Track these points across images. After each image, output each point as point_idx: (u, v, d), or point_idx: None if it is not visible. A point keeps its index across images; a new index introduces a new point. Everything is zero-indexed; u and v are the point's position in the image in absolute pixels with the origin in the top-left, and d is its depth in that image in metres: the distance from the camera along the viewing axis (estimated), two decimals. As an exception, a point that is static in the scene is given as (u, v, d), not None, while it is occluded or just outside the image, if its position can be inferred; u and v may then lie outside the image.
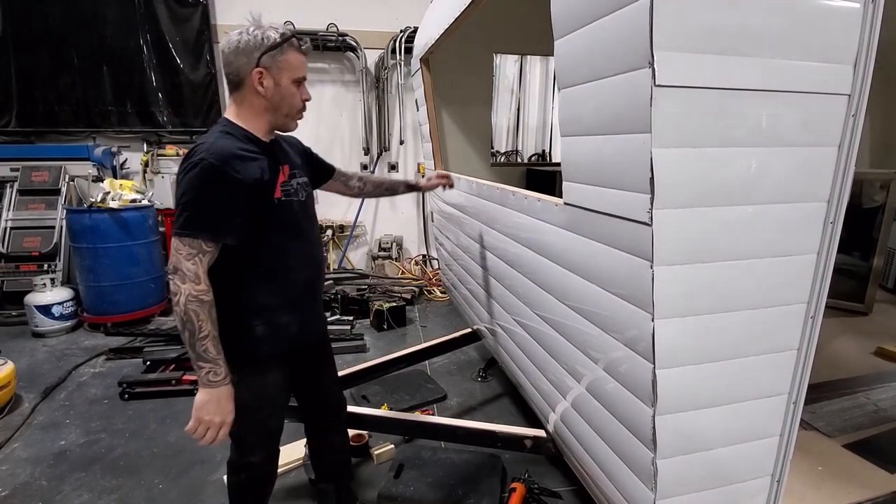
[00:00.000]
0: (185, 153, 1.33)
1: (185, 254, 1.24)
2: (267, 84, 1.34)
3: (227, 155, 1.27)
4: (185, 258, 1.24)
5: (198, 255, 1.24)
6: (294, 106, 1.40)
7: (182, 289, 1.23)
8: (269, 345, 1.44)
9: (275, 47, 1.32)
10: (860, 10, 1.06)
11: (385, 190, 2.04)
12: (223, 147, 1.28)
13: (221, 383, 1.30)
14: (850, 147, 1.11)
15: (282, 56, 1.34)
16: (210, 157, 1.25)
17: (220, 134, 1.33)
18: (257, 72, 1.32)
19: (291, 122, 1.44)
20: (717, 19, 0.98)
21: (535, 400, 2.03)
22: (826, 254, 1.16)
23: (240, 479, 1.57)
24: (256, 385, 1.46)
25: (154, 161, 4.57)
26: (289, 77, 1.36)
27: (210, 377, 1.28)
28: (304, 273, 1.50)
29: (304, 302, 1.52)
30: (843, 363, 2.78)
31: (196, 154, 1.27)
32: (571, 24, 1.19)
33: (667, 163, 0.99)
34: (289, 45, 1.35)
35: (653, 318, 1.07)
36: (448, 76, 3.16)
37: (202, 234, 1.25)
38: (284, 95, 1.37)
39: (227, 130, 1.35)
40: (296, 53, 1.37)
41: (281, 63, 1.34)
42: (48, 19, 4.43)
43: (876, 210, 3.51)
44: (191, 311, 1.24)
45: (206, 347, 1.27)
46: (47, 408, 2.79)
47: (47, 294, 3.78)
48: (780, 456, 1.31)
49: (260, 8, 5.00)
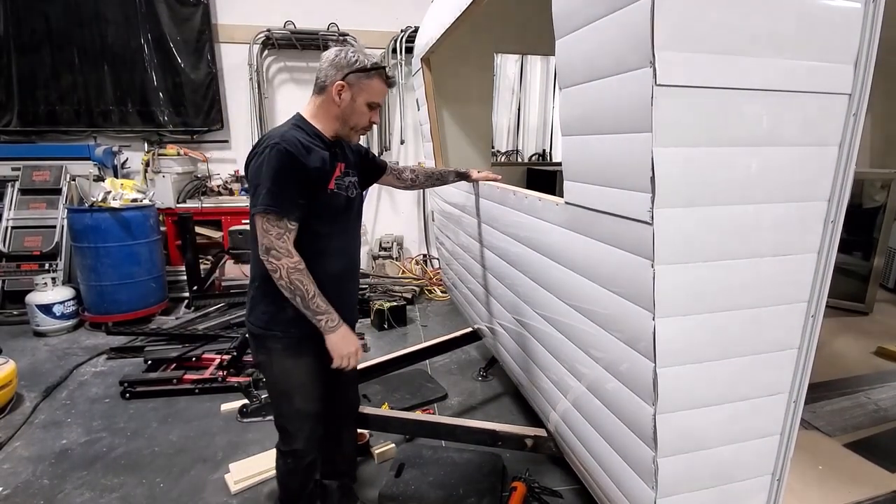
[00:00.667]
0: (256, 142, 1.47)
1: (276, 234, 1.39)
2: (344, 97, 1.49)
3: (296, 142, 1.42)
4: (275, 238, 1.39)
5: (286, 234, 1.41)
6: (361, 123, 1.55)
7: (280, 265, 1.39)
8: (298, 326, 1.51)
9: (363, 71, 1.48)
10: (861, 10, 1.06)
11: (436, 180, 2.17)
12: (293, 136, 1.44)
13: (339, 325, 1.48)
14: (851, 146, 1.11)
15: (367, 80, 1.49)
16: (283, 142, 1.39)
17: (292, 126, 1.49)
18: (339, 84, 1.48)
19: (354, 136, 1.59)
20: (718, 19, 0.98)
21: (536, 399, 2.03)
22: (826, 253, 1.17)
23: (286, 464, 1.69)
24: (288, 367, 1.58)
25: (155, 160, 4.58)
26: (365, 98, 1.51)
27: (329, 324, 1.46)
28: (340, 263, 1.61)
29: (336, 291, 1.58)
30: (843, 363, 2.78)
31: (269, 140, 1.42)
32: (572, 23, 1.19)
33: (668, 162, 0.99)
34: (377, 74, 1.51)
35: (654, 316, 1.07)
36: (449, 76, 3.16)
37: (288, 214, 1.40)
38: (356, 111, 1.52)
39: (299, 125, 1.51)
40: (380, 83, 1.52)
41: (364, 85, 1.50)
42: (49, 19, 4.44)
43: (876, 210, 3.51)
44: (295, 281, 1.40)
45: (317, 303, 1.44)
46: (48, 407, 2.80)
47: (48, 293, 3.78)
48: (780, 455, 1.31)
49: (262, 8, 5.03)
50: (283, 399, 1.62)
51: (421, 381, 3.04)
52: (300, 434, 1.64)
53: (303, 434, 1.65)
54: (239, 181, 4.95)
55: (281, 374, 1.59)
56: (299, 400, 1.61)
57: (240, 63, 4.85)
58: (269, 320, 1.54)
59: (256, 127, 4.94)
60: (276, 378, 1.60)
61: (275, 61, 4.99)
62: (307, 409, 1.64)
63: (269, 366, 1.59)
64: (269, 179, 1.38)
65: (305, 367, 1.59)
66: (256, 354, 1.62)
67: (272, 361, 1.58)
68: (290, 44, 4.81)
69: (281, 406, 1.64)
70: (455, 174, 2.20)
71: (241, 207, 4.64)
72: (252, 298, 1.58)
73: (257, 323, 1.56)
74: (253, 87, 4.86)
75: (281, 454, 1.70)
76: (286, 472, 1.72)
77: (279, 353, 1.56)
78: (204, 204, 4.62)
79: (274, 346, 1.56)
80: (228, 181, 4.96)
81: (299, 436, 1.64)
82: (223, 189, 4.88)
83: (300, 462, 1.68)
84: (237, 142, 5.05)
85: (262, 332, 1.56)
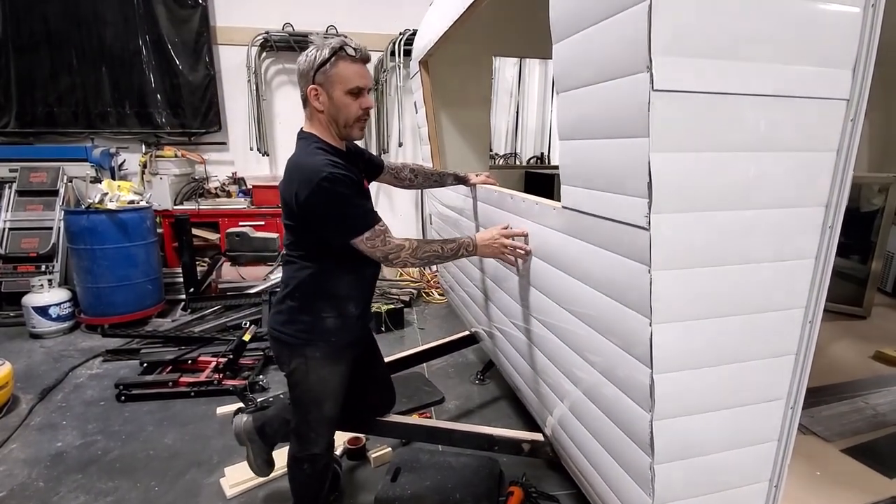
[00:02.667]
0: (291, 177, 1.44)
1: (380, 242, 1.45)
2: (322, 99, 1.45)
3: (337, 164, 1.41)
4: (381, 245, 1.45)
5: (384, 235, 1.46)
6: (352, 115, 1.47)
7: (403, 258, 1.48)
8: (337, 335, 1.57)
9: (325, 62, 1.40)
10: (860, 15, 1.06)
11: (434, 182, 2.17)
12: (327, 161, 1.41)
13: (474, 241, 1.60)
14: (849, 152, 1.11)
15: (332, 70, 1.41)
16: (327, 170, 1.37)
17: (316, 150, 1.45)
18: (312, 89, 1.44)
19: (353, 132, 1.52)
20: (716, 24, 0.97)
21: (533, 403, 2.02)
22: (824, 259, 1.16)
23: (302, 470, 1.69)
24: (324, 375, 1.60)
25: (152, 162, 4.57)
26: (341, 89, 1.43)
27: (469, 249, 1.60)
28: (372, 269, 1.65)
29: (369, 296, 1.69)
30: (841, 367, 2.78)
31: (312, 176, 1.38)
32: (570, 27, 1.19)
33: (665, 167, 0.98)
34: (338, 58, 1.41)
35: (650, 322, 1.07)
36: (447, 79, 3.15)
37: (373, 223, 1.44)
38: (339, 107, 1.45)
39: (319, 146, 1.47)
40: (347, 64, 1.42)
41: (332, 77, 1.42)
42: (48, 21, 4.44)
43: (874, 214, 3.51)
44: (424, 255, 1.52)
45: (449, 247, 1.56)
46: (44, 409, 2.79)
47: (45, 295, 3.77)
48: (778, 461, 1.31)
49: (259, 10, 5.04)
50: (314, 405, 1.62)
51: (418, 384, 3.03)
52: (321, 439, 1.66)
53: (323, 439, 1.67)
54: (236, 183, 4.94)
55: (317, 381, 1.60)
56: (329, 406, 1.63)
57: (238, 65, 4.85)
58: (309, 330, 1.55)
59: (254, 129, 4.94)
60: (311, 385, 1.60)
61: (273, 63, 4.99)
62: (333, 415, 1.66)
63: (306, 374, 1.58)
64: (343, 206, 1.41)
65: (340, 375, 1.63)
66: (290, 363, 1.60)
67: (309, 369, 1.58)
68: (288, 46, 4.81)
69: (309, 413, 1.63)
70: (454, 177, 2.20)
71: (238, 209, 4.64)
72: (289, 309, 1.57)
73: (296, 333, 1.57)
74: (251, 89, 4.86)
75: (296, 461, 1.69)
76: (303, 479, 1.71)
77: (318, 361, 1.57)
78: (201, 206, 4.61)
79: (313, 355, 1.57)
80: (226, 183, 4.94)
81: (320, 441, 1.66)
82: (221, 191, 4.87)
83: (316, 466, 1.69)
84: (235, 144, 5.05)
85: (302, 340, 1.56)
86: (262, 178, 4.99)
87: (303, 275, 1.53)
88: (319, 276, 1.54)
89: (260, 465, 1.95)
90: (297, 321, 1.56)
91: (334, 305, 1.57)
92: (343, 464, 2.26)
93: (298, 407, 1.65)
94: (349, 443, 2.33)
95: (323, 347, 1.57)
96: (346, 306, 1.59)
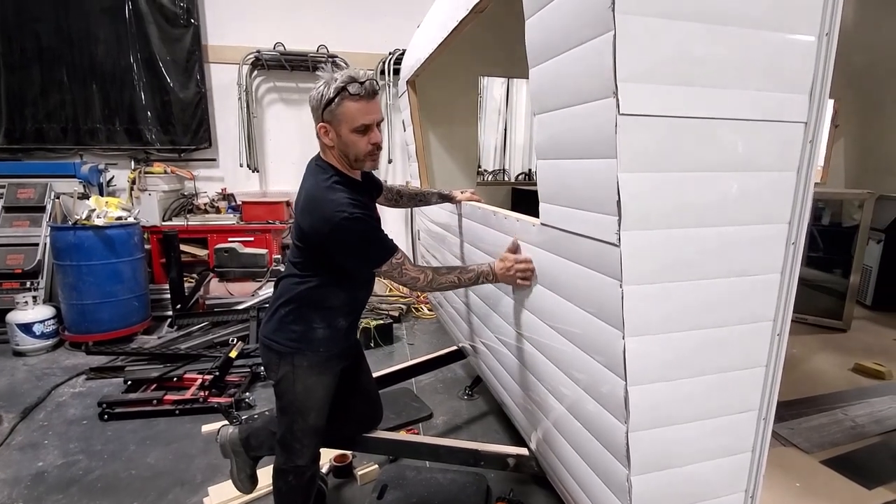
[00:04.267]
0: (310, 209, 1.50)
1: (397, 273, 1.52)
2: (331, 136, 1.49)
3: (356, 202, 1.46)
4: (398, 276, 1.52)
5: (404, 265, 1.52)
6: (361, 151, 1.50)
7: (424, 286, 1.56)
8: (326, 346, 1.61)
9: (330, 102, 1.43)
10: (815, 43, 1.13)
11: (419, 201, 2.21)
12: (346, 199, 1.45)
13: (492, 270, 1.59)
14: (808, 172, 1.16)
15: (338, 109, 1.43)
16: (347, 210, 1.42)
17: (334, 185, 1.49)
18: (321, 127, 1.49)
19: (365, 164, 1.56)
20: (679, 52, 1.03)
21: (518, 418, 2.04)
22: (789, 273, 1.21)
23: (287, 482, 1.69)
24: (310, 385, 1.62)
25: (141, 178, 4.57)
26: (347, 128, 1.45)
27: (488, 278, 1.60)
28: (367, 291, 1.73)
29: (359, 310, 1.74)
30: (821, 379, 2.83)
31: (334, 214, 1.42)
32: (544, 54, 1.25)
33: (632, 187, 1.03)
34: (342, 98, 1.41)
35: (623, 335, 1.10)
36: (434, 98, 3.23)
37: (392, 255, 1.50)
38: (348, 143, 1.48)
39: (336, 180, 1.50)
40: (351, 103, 1.42)
41: (339, 116, 1.45)
42: (41, 38, 4.47)
43: (855, 229, 3.60)
44: (442, 283, 1.57)
45: (468, 277, 1.60)
46: (26, 428, 2.74)
47: (29, 312, 3.73)
48: (752, 472, 1.33)
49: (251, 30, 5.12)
50: (299, 415, 1.64)
51: (406, 400, 3.03)
52: (306, 451, 1.67)
53: (308, 451, 1.68)
54: (226, 199, 4.95)
55: (303, 390, 1.62)
56: (314, 417, 1.65)
57: (229, 83, 4.90)
58: (299, 338, 1.59)
59: (244, 146, 4.97)
60: (297, 395, 1.62)
61: (264, 81, 5.05)
62: (319, 426, 1.68)
63: (293, 382, 1.61)
64: (365, 243, 1.48)
65: (326, 386, 1.66)
66: (278, 370, 1.63)
67: (296, 378, 1.60)
68: (279, 65, 4.88)
69: (294, 422, 1.64)
70: (438, 195, 2.24)
71: (227, 226, 4.64)
72: (281, 318, 1.61)
73: (285, 341, 1.60)
74: (242, 106, 4.90)
75: (281, 472, 1.70)
76: (287, 491, 1.71)
77: (305, 370, 1.60)
78: (190, 222, 4.61)
79: (301, 363, 1.60)
80: (215, 199, 4.96)
81: (305, 452, 1.67)
82: (210, 207, 4.88)
83: (302, 478, 1.69)
84: (225, 160, 5.07)
85: (291, 349, 1.59)
86: (252, 194, 5.01)
87: (301, 288, 1.58)
88: (318, 290, 1.58)
89: (243, 480, 1.93)
90: (287, 330, 1.60)
91: (325, 317, 1.61)
92: (329, 481, 2.24)
93: (284, 416, 1.66)
94: (335, 460, 2.32)
95: (311, 357, 1.60)
96: (336, 319, 1.63)
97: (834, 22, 1.11)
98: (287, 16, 4.94)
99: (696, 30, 1.04)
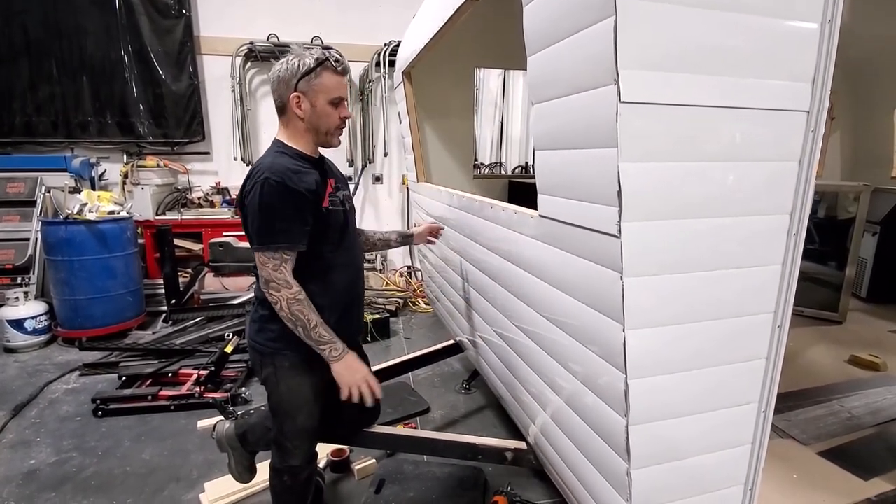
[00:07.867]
0: (246, 176, 1.46)
1: (272, 266, 1.41)
2: (304, 107, 1.47)
3: (285, 170, 1.41)
4: (272, 270, 1.41)
5: (282, 265, 1.41)
6: (332, 124, 1.51)
7: (280, 296, 1.41)
8: (307, 345, 1.50)
9: (310, 72, 1.43)
10: (817, 30, 1.11)
11: (378, 240, 2.05)
12: (281, 164, 1.42)
13: (343, 354, 1.49)
14: (811, 161, 1.15)
15: (317, 79, 1.45)
16: (272, 175, 1.39)
17: (277, 153, 1.48)
18: (295, 97, 1.45)
19: (332, 139, 1.55)
20: (680, 39, 1.01)
21: (516, 411, 2.03)
22: (790, 265, 1.19)
23: (283, 481, 1.68)
24: (293, 385, 1.58)
25: (134, 172, 4.52)
26: (324, 99, 1.47)
27: (333, 354, 1.48)
28: (347, 275, 1.62)
29: (344, 304, 1.62)
30: (818, 371, 2.84)
31: (257, 175, 1.41)
32: (542, 42, 1.22)
33: (633, 177, 1.01)
34: (323, 68, 1.44)
35: (623, 328, 1.09)
36: (430, 90, 3.19)
37: (281, 245, 1.41)
38: (321, 116, 1.48)
39: (282, 150, 1.49)
40: (331, 75, 1.46)
41: (316, 86, 1.45)
42: (28, 30, 4.39)
43: (850, 221, 3.60)
44: (296, 311, 1.42)
45: (319, 333, 1.45)
46: (17, 426, 2.71)
47: (20, 308, 3.69)
48: (752, 464, 1.33)
49: (246, 21, 5.05)
50: (287, 416, 1.61)
51: (404, 394, 3.01)
52: (299, 451, 1.65)
53: (301, 451, 1.65)
54: (220, 193, 4.90)
55: (287, 391, 1.58)
56: (303, 418, 1.61)
57: (222, 75, 4.84)
58: (278, 338, 1.53)
59: (238, 139, 4.92)
60: (282, 396, 1.59)
61: (258, 73, 4.99)
62: (309, 427, 1.64)
63: (276, 383, 1.57)
64: (260, 213, 1.39)
65: (311, 386, 1.60)
66: (262, 371, 1.60)
67: (279, 379, 1.57)
68: (273, 56, 4.82)
69: (284, 423, 1.62)
70: (398, 234, 2.12)
71: (221, 219, 4.60)
72: (260, 318, 1.57)
73: (265, 341, 1.56)
74: (235, 98, 4.85)
75: (276, 472, 1.68)
76: (283, 490, 1.70)
77: (286, 371, 1.56)
78: (184, 216, 4.56)
79: (282, 364, 1.56)
80: (209, 193, 4.91)
81: (297, 453, 1.65)
82: (204, 201, 4.83)
83: (297, 478, 1.67)
84: (218, 153, 5.02)
85: (272, 349, 1.55)
86: (247, 188, 4.96)
87: None
88: None
89: (241, 472, 1.92)
90: (267, 329, 1.55)
91: None
92: (326, 476, 2.23)
93: (275, 417, 1.64)
94: (333, 454, 2.31)
95: (292, 357, 1.54)
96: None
97: (836, 9, 1.09)
98: (281, 6, 4.88)
99: (697, 16, 1.01)
